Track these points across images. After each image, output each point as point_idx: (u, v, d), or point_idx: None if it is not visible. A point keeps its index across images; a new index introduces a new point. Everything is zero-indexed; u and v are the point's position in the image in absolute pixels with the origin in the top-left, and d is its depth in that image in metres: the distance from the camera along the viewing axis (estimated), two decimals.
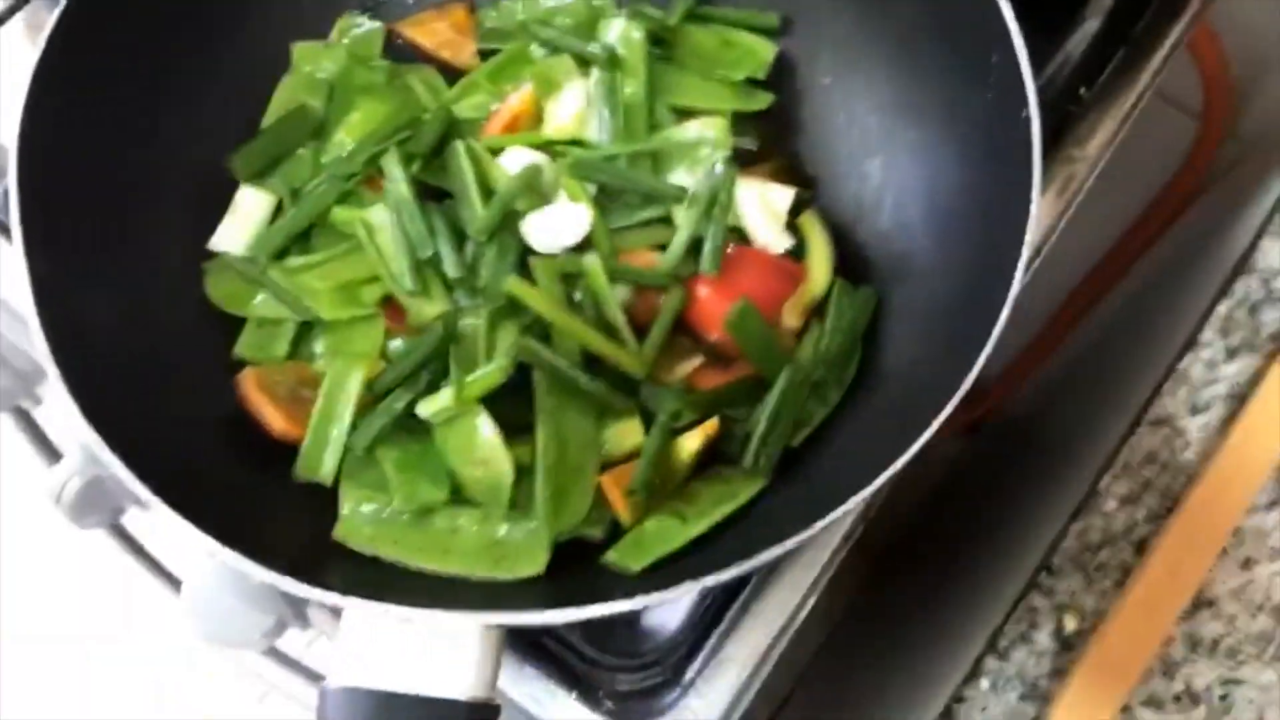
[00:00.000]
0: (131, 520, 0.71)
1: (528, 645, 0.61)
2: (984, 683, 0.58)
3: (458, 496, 0.55)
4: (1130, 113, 0.77)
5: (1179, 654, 0.57)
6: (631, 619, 0.64)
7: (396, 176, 0.58)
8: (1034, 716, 0.57)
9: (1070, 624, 0.58)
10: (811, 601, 0.62)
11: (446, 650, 0.44)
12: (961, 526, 0.88)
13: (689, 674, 0.61)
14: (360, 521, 0.54)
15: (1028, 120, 0.53)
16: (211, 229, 0.61)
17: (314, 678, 0.76)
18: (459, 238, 0.58)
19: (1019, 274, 0.50)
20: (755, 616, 0.61)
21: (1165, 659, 0.57)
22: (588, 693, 0.61)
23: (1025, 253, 0.50)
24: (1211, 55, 1.07)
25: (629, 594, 0.47)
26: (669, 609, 0.64)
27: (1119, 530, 0.60)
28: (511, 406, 0.55)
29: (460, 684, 0.44)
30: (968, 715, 0.58)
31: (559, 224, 0.57)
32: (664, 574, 0.51)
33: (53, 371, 0.50)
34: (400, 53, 0.68)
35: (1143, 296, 1.05)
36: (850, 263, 0.62)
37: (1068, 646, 0.58)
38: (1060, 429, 0.90)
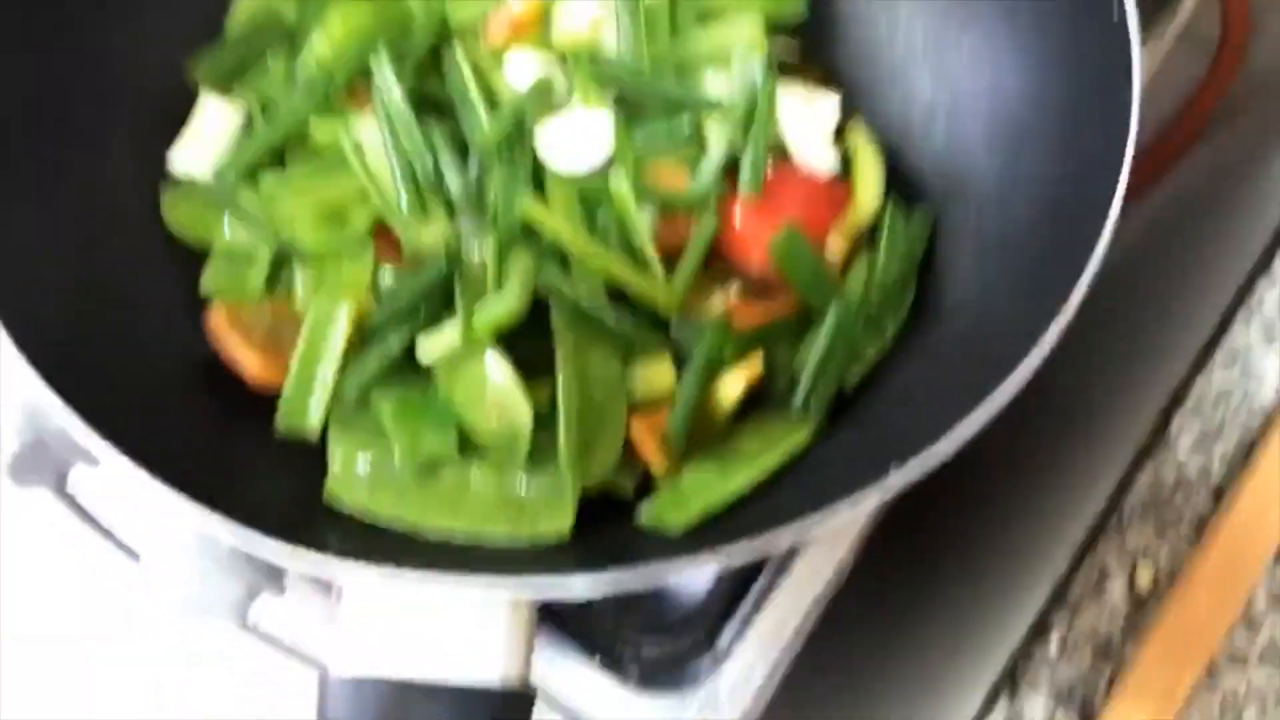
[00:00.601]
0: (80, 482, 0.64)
1: (541, 611, 0.55)
2: (1052, 639, 0.53)
3: (466, 447, 0.48)
4: (1175, 32, 0.72)
5: (1261, 606, 0.53)
6: None
7: (388, 80, 0.50)
8: (1109, 676, 0.51)
9: (1145, 577, 0.53)
10: (855, 554, 0.56)
11: (471, 630, 0.38)
12: (981, 481, 0.83)
13: (723, 640, 0.55)
14: (354, 479, 0.47)
15: (1123, 11, 0.46)
16: (168, 148, 0.53)
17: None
18: (462, 154, 0.50)
19: (1120, 190, 0.43)
20: (795, 574, 0.56)
21: (1246, 612, 0.52)
22: (612, 660, 0.55)
23: (1127, 166, 0.44)
24: None
25: (676, 555, 0.40)
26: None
27: (1193, 476, 0.55)
28: (522, 348, 0.48)
29: (490, 668, 0.37)
30: (1035, 674, 0.52)
31: (579, 137, 0.50)
32: (710, 533, 0.45)
33: None
34: None
35: (1160, 231, 1.01)
36: (900, 186, 0.55)
37: (1141, 602, 0.53)
38: (1086, 376, 0.85)
